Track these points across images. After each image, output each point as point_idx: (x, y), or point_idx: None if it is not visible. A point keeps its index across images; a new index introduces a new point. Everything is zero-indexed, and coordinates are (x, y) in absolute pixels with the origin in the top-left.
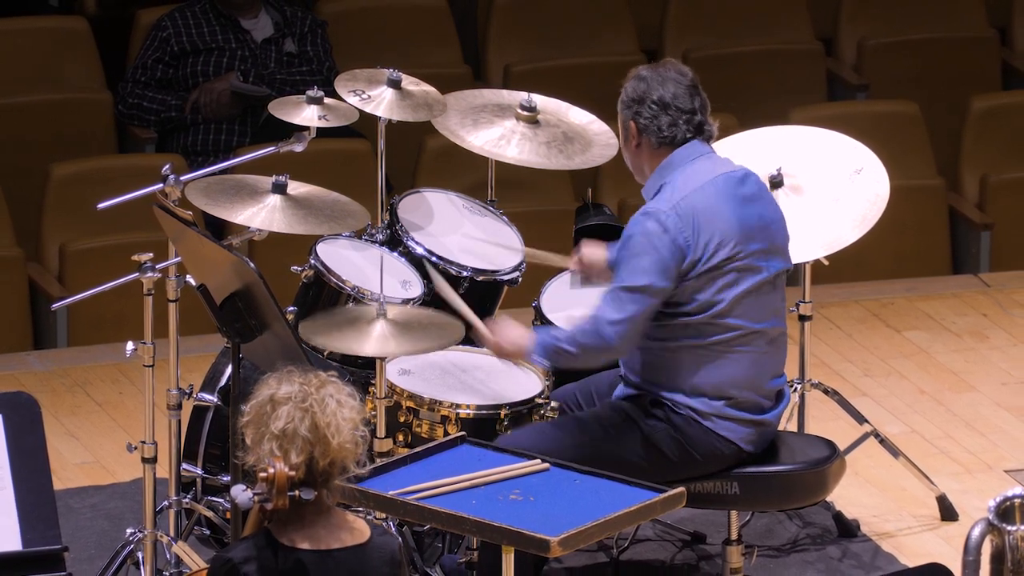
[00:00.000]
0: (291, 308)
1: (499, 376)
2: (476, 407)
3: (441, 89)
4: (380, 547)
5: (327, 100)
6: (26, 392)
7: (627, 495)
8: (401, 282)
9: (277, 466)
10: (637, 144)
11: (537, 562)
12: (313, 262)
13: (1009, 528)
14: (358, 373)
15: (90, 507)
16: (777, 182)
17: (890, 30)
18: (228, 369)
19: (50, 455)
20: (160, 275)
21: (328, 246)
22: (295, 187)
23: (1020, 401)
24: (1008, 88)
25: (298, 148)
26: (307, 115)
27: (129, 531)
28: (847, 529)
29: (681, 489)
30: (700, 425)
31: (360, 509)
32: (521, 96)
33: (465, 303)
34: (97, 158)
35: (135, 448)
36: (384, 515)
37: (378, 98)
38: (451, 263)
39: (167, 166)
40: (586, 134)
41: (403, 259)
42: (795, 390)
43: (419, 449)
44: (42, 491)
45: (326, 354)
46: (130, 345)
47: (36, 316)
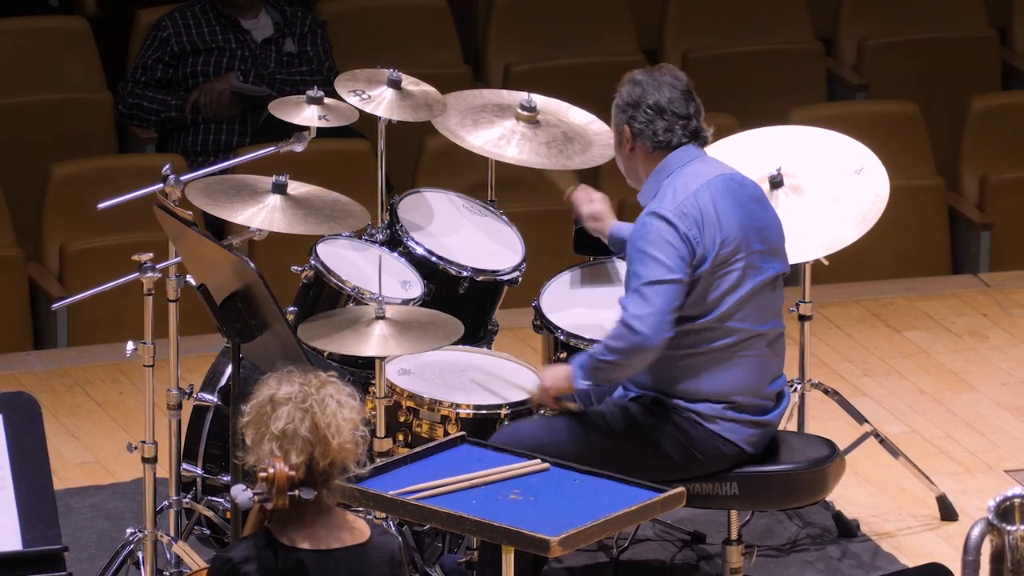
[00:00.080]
0: (291, 308)
1: (499, 376)
2: (476, 407)
3: (441, 89)
4: (380, 547)
5: (327, 100)
6: (26, 392)
7: (627, 495)
8: (401, 282)
9: (277, 466)
10: (631, 148)
11: (537, 562)
12: (313, 262)
13: (1009, 528)
14: (358, 373)
15: (90, 507)
16: (777, 182)
17: (890, 30)
18: (228, 369)
19: (50, 455)
20: (160, 275)
21: (328, 246)
22: (295, 187)
23: (1020, 401)
24: (1008, 88)
25: (298, 148)
26: (307, 115)
27: (129, 531)
28: (847, 529)
29: (681, 489)
30: (703, 427)
31: (360, 509)
32: (521, 96)
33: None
34: (97, 158)
35: (135, 448)
36: (384, 515)
37: (378, 98)
38: (451, 263)
39: (167, 166)
40: (586, 134)
41: (403, 259)
42: (795, 390)
43: (419, 449)
44: (42, 491)
45: (326, 354)
46: (130, 345)
47: (36, 316)
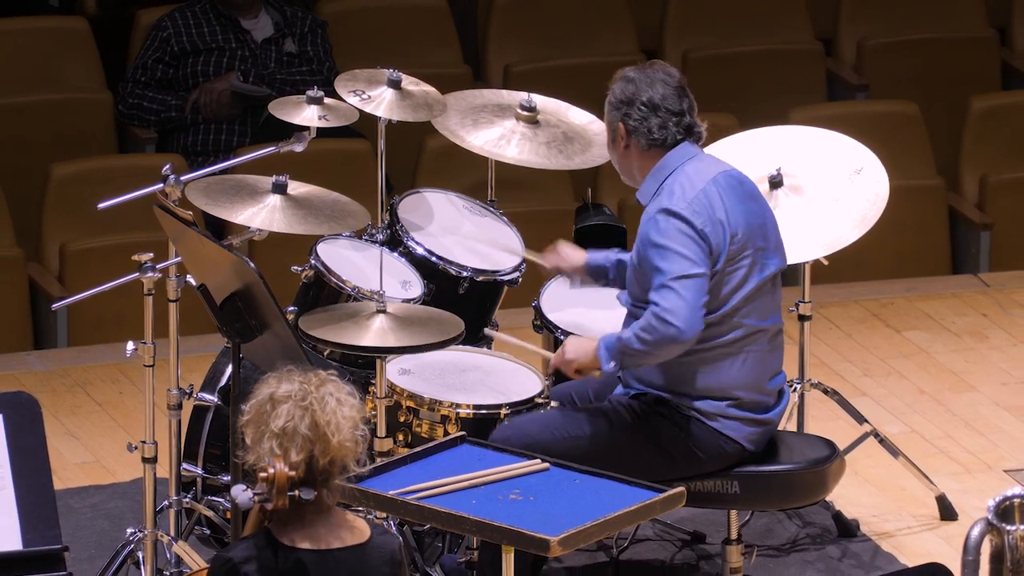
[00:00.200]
0: (291, 308)
1: (499, 376)
2: (476, 407)
3: (441, 89)
4: (380, 546)
5: (327, 100)
6: (26, 392)
7: (627, 495)
8: (401, 282)
9: (277, 466)
10: (626, 146)
11: (536, 562)
12: (313, 262)
13: (1008, 528)
14: (358, 373)
15: (90, 507)
16: (777, 182)
17: (890, 30)
18: (228, 369)
19: (50, 455)
20: (160, 275)
21: (328, 246)
22: (295, 187)
23: (1020, 401)
24: (1008, 88)
25: (298, 148)
26: (307, 115)
27: (129, 531)
28: (847, 529)
29: (681, 489)
30: (705, 425)
31: (360, 509)
32: (521, 96)
33: (528, 343)
34: (97, 158)
35: (135, 448)
36: (384, 515)
37: (378, 98)
38: (451, 263)
39: (167, 166)
40: (586, 134)
41: (403, 259)
42: (795, 390)
43: (419, 449)
44: (42, 491)
45: (326, 354)
46: (130, 345)
47: (36, 316)
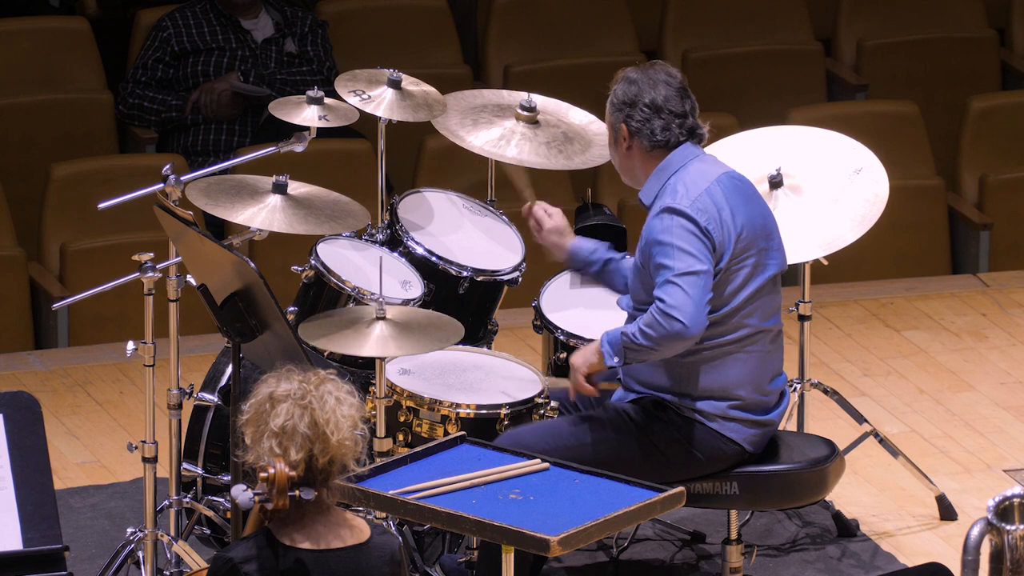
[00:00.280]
0: (291, 308)
1: (499, 376)
2: (476, 407)
3: (441, 89)
4: (380, 546)
5: (327, 100)
6: (27, 392)
7: (627, 495)
8: (401, 282)
9: (278, 466)
10: (628, 146)
11: (536, 562)
12: (313, 262)
13: (1008, 528)
14: (358, 373)
15: (90, 506)
16: (776, 182)
17: (889, 30)
18: (228, 369)
19: (51, 454)
20: (161, 275)
21: (328, 246)
22: (295, 187)
23: (1019, 401)
24: (1007, 88)
25: (298, 148)
26: (307, 115)
27: (130, 530)
28: (846, 528)
29: (681, 489)
30: (705, 427)
31: (360, 508)
32: (521, 96)
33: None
34: (98, 158)
35: (136, 448)
36: (384, 515)
37: (378, 98)
38: (451, 263)
39: (168, 166)
40: (586, 134)
41: (403, 259)
42: (795, 390)
43: (419, 449)
44: (43, 490)
45: (326, 354)
46: (131, 345)
47: (37, 316)
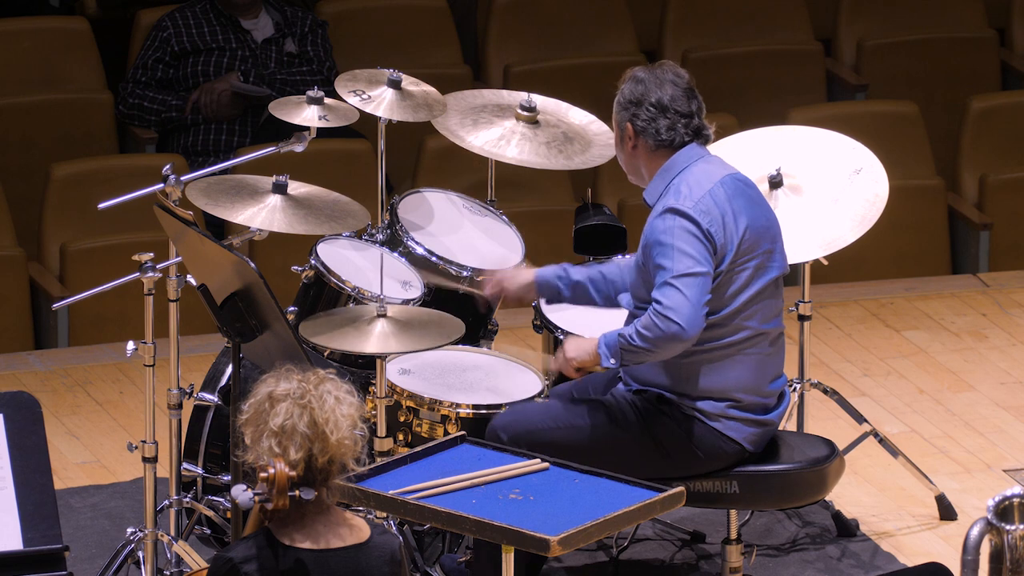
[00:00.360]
0: (291, 308)
1: (499, 375)
2: (476, 407)
3: (441, 89)
4: (380, 546)
5: (327, 100)
6: (27, 392)
7: (627, 494)
8: (401, 282)
9: (278, 466)
10: (633, 146)
11: (536, 562)
12: (313, 262)
13: (1008, 527)
14: (358, 373)
15: (91, 506)
16: (776, 182)
17: (889, 30)
18: (228, 369)
19: (51, 454)
20: (161, 275)
21: (328, 246)
22: (295, 187)
23: (1019, 401)
24: (1007, 88)
25: (298, 148)
26: (307, 115)
27: (130, 530)
28: (846, 528)
29: (680, 488)
30: (705, 424)
31: (360, 508)
32: (521, 96)
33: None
34: (98, 158)
35: (136, 447)
36: (384, 514)
37: (378, 98)
38: (451, 263)
39: (168, 166)
40: (586, 134)
41: (403, 259)
42: (795, 390)
43: (419, 449)
44: (43, 490)
45: (326, 354)
46: (131, 345)
47: (37, 316)
